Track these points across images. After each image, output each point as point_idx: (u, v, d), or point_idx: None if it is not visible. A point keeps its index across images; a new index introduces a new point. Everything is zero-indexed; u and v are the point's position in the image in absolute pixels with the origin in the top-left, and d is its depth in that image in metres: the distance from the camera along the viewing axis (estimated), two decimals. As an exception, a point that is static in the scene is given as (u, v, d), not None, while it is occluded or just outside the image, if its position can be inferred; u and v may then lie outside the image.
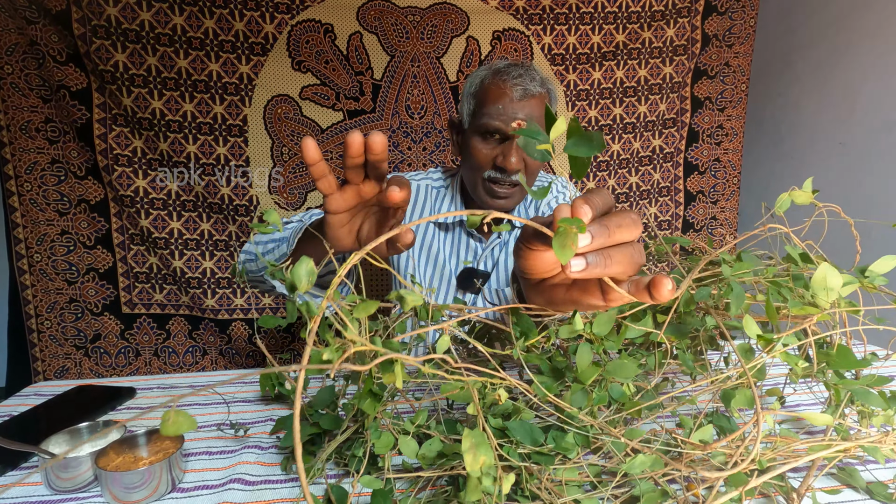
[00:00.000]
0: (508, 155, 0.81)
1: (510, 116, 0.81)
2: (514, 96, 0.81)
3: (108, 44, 1.46)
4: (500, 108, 0.81)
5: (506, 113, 0.81)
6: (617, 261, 0.34)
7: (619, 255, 0.34)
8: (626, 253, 0.34)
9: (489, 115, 0.82)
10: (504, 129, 0.82)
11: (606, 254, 0.34)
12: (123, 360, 1.68)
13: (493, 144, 0.84)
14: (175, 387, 0.72)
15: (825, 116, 1.70)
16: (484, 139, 0.85)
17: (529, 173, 0.87)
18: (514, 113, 0.81)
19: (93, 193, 1.57)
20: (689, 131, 1.82)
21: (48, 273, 1.59)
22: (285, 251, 0.66)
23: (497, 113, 0.82)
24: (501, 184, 0.85)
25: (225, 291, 1.67)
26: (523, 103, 0.82)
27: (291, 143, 1.62)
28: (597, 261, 0.33)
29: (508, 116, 0.81)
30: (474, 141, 0.86)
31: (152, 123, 1.53)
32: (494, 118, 0.82)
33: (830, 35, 1.67)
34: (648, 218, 1.85)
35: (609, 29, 1.69)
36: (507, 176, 0.84)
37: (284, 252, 0.66)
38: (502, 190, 0.86)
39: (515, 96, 0.81)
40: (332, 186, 0.48)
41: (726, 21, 1.74)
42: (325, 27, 1.56)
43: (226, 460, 0.53)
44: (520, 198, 0.90)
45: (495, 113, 0.82)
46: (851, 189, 1.59)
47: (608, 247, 0.34)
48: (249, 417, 0.62)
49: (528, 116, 0.82)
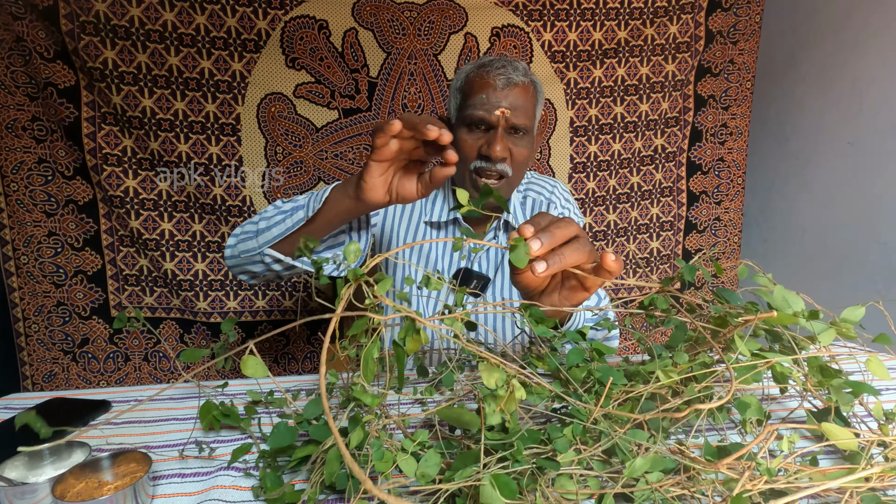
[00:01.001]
0: (493, 143, 0.82)
1: (494, 105, 0.82)
2: (497, 85, 0.82)
3: (97, 40, 1.42)
4: (483, 97, 0.83)
5: (489, 102, 0.82)
6: (569, 254, 0.47)
7: (569, 250, 0.47)
8: (574, 247, 0.47)
9: (473, 106, 0.84)
10: (488, 117, 0.83)
11: (559, 252, 0.47)
12: (112, 366, 1.65)
13: (479, 135, 0.85)
14: (155, 399, 0.68)
15: (832, 115, 1.66)
16: (470, 130, 0.86)
17: (515, 164, 0.86)
18: (497, 102, 0.82)
19: (81, 194, 1.53)
20: (693, 130, 1.78)
21: (35, 276, 1.55)
22: (302, 217, 0.70)
23: (481, 103, 0.83)
24: (489, 173, 0.85)
25: (217, 294, 1.63)
26: (507, 91, 0.82)
27: (285, 143, 1.58)
28: (554, 259, 0.46)
29: (492, 105, 0.82)
30: (461, 133, 0.86)
31: (142, 122, 1.49)
32: (478, 108, 0.83)
33: (837, 32, 1.63)
34: (651, 218, 1.82)
35: (611, 25, 1.65)
36: (492, 164, 0.84)
37: (301, 218, 0.70)
38: (490, 180, 0.86)
39: (499, 85, 0.82)
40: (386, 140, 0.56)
41: (731, 17, 1.70)
42: (320, 23, 1.52)
43: (199, 484, 0.49)
44: (507, 188, 0.89)
45: (479, 103, 0.83)
46: (860, 190, 1.55)
47: (558, 246, 0.47)
48: (227, 435, 0.58)
49: (511, 105, 0.82)
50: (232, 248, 0.81)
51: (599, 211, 1.77)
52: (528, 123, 0.85)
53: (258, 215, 0.80)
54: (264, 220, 0.76)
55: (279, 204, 0.79)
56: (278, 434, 0.49)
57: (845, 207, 1.60)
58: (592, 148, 1.73)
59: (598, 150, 1.73)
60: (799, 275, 1.77)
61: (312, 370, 1.74)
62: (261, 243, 0.74)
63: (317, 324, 1.71)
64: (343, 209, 0.66)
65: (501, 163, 0.84)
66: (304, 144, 1.59)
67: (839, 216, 1.62)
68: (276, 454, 0.49)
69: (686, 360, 0.53)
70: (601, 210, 1.77)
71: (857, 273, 1.54)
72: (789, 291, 0.54)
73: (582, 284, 0.52)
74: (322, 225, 0.70)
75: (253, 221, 0.79)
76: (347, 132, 1.60)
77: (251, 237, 0.77)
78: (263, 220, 0.76)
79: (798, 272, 1.78)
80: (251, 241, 0.76)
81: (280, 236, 0.72)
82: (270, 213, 0.77)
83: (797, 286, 1.79)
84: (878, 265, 1.47)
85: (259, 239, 0.75)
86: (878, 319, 0.58)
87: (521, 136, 0.85)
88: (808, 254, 1.74)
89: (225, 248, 0.83)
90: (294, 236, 0.72)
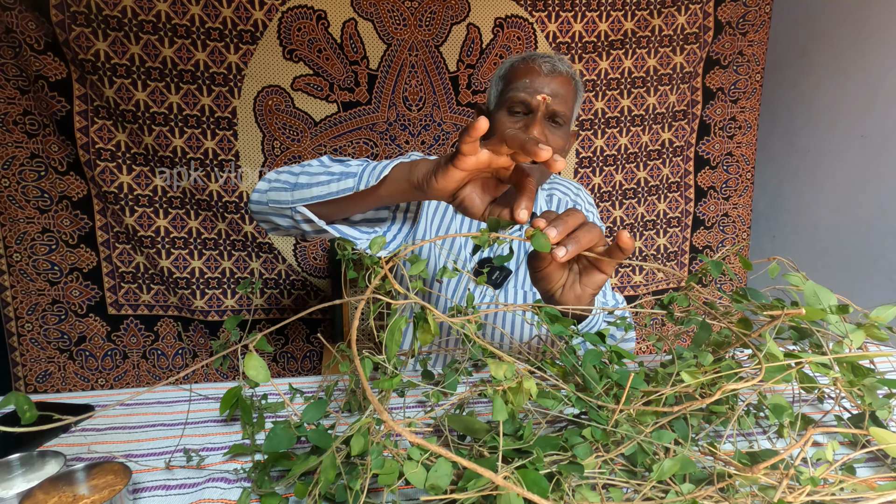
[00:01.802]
0: (532, 127, 0.80)
1: (536, 90, 0.82)
2: (542, 71, 0.83)
3: (89, 31, 1.38)
4: (526, 81, 0.83)
5: (532, 86, 0.82)
6: (583, 236, 0.49)
7: (582, 232, 0.50)
8: (585, 229, 0.50)
9: (516, 89, 0.83)
10: (529, 100, 0.82)
11: (574, 237, 0.49)
12: (110, 363, 1.61)
13: (518, 118, 0.84)
14: (141, 403, 0.64)
15: (844, 108, 1.61)
16: (510, 114, 0.85)
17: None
18: (540, 87, 0.82)
19: (75, 189, 1.50)
20: (701, 124, 1.74)
21: (29, 273, 1.51)
22: (352, 186, 0.63)
23: (524, 86, 0.83)
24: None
25: (215, 292, 1.60)
26: (550, 78, 0.83)
27: (283, 137, 1.54)
28: (571, 243, 0.49)
29: (534, 89, 0.82)
30: (500, 116, 0.85)
31: (136, 116, 1.45)
32: (521, 90, 0.83)
33: (849, 23, 1.58)
34: (658, 214, 1.77)
35: (617, 16, 1.60)
36: None
37: (350, 187, 0.63)
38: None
39: (544, 70, 0.83)
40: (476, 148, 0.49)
41: (740, 8, 1.66)
42: (318, 14, 1.48)
43: (184, 497, 0.45)
44: (540, 177, 0.88)
45: (522, 87, 0.83)
46: (873, 184, 1.51)
47: (571, 233, 0.49)
48: (219, 441, 0.54)
49: (553, 92, 0.82)
50: (261, 193, 0.74)
51: (605, 207, 1.73)
52: (567, 113, 0.85)
53: (299, 166, 0.73)
54: (305, 175, 0.69)
55: (326, 161, 0.72)
56: (275, 438, 0.45)
57: (858, 202, 1.56)
58: (598, 142, 1.69)
59: (604, 145, 1.69)
60: (810, 272, 1.73)
61: (312, 369, 1.70)
62: (295, 198, 0.68)
63: (316, 323, 1.68)
64: (399, 192, 0.60)
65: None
66: (303, 138, 1.55)
67: (852, 211, 1.58)
68: (273, 461, 0.45)
69: (710, 361, 0.49)
70: (607, 206, 1.73)
71: (871, 270, 1.50)
72: (821, 287, 0.50)
73: (597, 267, 0.54)
74: (371, 201, 0.64)
75: (292, 171, 0.72)
76: (347, 126, 1.56)
77: (286, 189, 0.70)
78: (305, 174, 0.69)
79: (809, 269, 1.74)
80: (285, 192, 0.70)
81: (320, 198, 0.66)
82: (315, 168, 0.70)
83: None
84: (893, 261, 1.43)
85: (295, 193, 0.68)
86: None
87: (557, 126, 0.85)
88: (819, 250, 1.70)
89: (252, 192, 0.76)
90: (335, 202, 0.66)
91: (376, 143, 1.59)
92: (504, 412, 0.38)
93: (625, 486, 0.40)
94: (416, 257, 0.49)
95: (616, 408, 0.40)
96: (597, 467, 0.39)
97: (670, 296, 0.55)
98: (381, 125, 1.58)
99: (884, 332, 0.49)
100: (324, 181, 0.66)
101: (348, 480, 0.38)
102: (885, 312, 0.49)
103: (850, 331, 0.48)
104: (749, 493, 0.39)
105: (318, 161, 0.73)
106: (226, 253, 1.58)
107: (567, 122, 0.86)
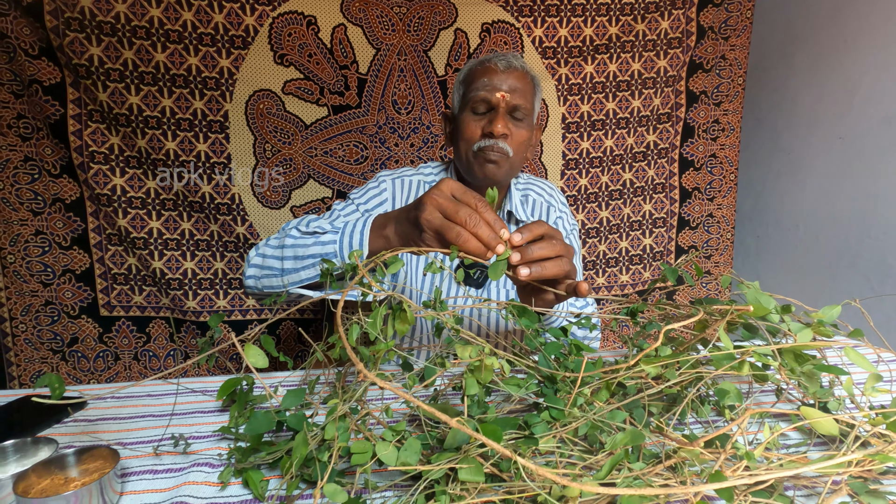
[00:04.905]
0: (495, 121, 0.86)
1: (495, 86, 0.87)
2: (498, 68, 0.88)
3: (83, 37, 1.40)
4: (485, 80, 0.88)
5: (491, 83, 0.88)
6: (549, 267, 0.56)
7: (550, 263, 0.56)
8: (555, 262, 0.56)
9: (476, 89, 0.89)
10: (490, 97, 0.88)
11: (541, 264, 0.56)
12: (102, 365, 1.63)
13: (481, 117, 0.90)
14: (132, 396, 0.67)
15: (824, 110, 1.65)
16: (473, 114, 0.90)
17: (515, 145, 0.90)
18: (499, 83, 0.87)
19: (68, 192, 1.52)
20: (685, 126, 1.78)
21: (22, 275, 1.53)
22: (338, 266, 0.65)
23: (483, 85, 0.88)
24: (491, 152, 0.88)
25: (207, 293, 1.62)
26: (507, 74, 0.88)
27: (274, 140, 1.57)
28: (535, 269, 0.55)
29: (494, 86, 0.87)
30: (464, 117, 0.91)
31: (129, 119, 1.47)
32: (481, 89, 0.88)
33: (829, 27, 1.63)
34: (643, 215, 1.81)
35: (602, 21, 1.64)
36: (495, 142, 0.88)
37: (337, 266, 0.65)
38: (492, 154, 0.88)
39: (500, 68, 0.88)
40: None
41: (722, 13, 1.70)
42: (308, 19, 1.51)
43: (170, 480, 0.47)
44: (507, 167, 0.91)
45: (482, 86, 0.88)
46: (851, 185, 1.55)
47: (542, 259, 0.56)
48: (206, 430, 0.57)
49: (511, 88, 0.87)
50: (255, 279, 0.79)
51: (592, 208, 1.76)
52: (528, 106, 0.90)
53: (278, 244, 0.76)
54: (289, 260, 0.73)
55: (296, 236, 0.75)
56: (255, 421, 0.48)
57: (837, 202, 1.60)
58: (584, 144, 1.72)
59: (590, 147, 1.73)
60: (792, 270, 1.77)
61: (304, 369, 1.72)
62: (286, 283, 0.74)
63: (307, 323, 1.70)
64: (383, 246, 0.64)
65: (503, 140, 0.87)
66: (294, 142, 1.58)
67: (831, 211, 1.62)
68: (254, 447, 0.48)
69: (668, 353, 0.52)
70: (593, 207, 1.77)
71: (849, 268, 1.54)
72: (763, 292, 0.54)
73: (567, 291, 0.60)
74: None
75: (276, 256, 0.76)
76: (337, 129, 1.59)
77: (275, 275, 0.75)
78: (288, 258, 0.73)
79: (791, 267, 1.78)
80: (275, 279, 0.75)
81: (309, 280, 0.71)
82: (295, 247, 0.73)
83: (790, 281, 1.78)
84: (871, 260, 1.47)
85: (285, 279, 0.74)
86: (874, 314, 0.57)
87: (520, 119, 0.90)
88: (800, 249, 1.74)
89: (245, 279, 0.81)
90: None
91: (366, 145, 1.62)
92: (475, 387, 0.41)
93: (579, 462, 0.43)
94: (394, 258, 0.52)
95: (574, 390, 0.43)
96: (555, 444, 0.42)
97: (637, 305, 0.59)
98: (371, 128, 1.61)
99: (829, 329, 0.53)
100: (310, 263, 0.71)
101: (317, 453, 0.41)
102: (829, 312, 0.54)
103: (797, 329, 0.52)
104: (695, 474, 0.42)
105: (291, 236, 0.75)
106: (218, 254, 1.61)
107: (529, 115, 0.91)
